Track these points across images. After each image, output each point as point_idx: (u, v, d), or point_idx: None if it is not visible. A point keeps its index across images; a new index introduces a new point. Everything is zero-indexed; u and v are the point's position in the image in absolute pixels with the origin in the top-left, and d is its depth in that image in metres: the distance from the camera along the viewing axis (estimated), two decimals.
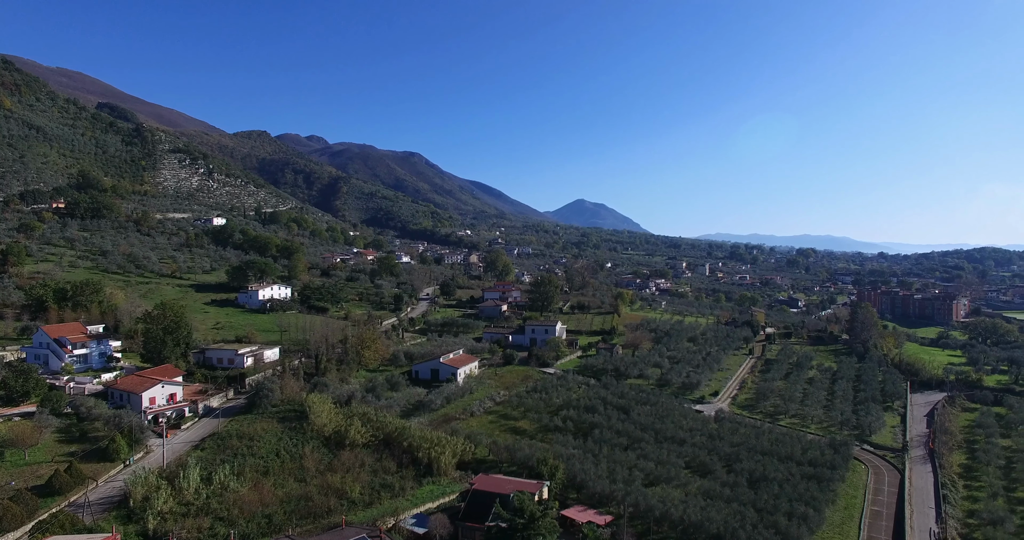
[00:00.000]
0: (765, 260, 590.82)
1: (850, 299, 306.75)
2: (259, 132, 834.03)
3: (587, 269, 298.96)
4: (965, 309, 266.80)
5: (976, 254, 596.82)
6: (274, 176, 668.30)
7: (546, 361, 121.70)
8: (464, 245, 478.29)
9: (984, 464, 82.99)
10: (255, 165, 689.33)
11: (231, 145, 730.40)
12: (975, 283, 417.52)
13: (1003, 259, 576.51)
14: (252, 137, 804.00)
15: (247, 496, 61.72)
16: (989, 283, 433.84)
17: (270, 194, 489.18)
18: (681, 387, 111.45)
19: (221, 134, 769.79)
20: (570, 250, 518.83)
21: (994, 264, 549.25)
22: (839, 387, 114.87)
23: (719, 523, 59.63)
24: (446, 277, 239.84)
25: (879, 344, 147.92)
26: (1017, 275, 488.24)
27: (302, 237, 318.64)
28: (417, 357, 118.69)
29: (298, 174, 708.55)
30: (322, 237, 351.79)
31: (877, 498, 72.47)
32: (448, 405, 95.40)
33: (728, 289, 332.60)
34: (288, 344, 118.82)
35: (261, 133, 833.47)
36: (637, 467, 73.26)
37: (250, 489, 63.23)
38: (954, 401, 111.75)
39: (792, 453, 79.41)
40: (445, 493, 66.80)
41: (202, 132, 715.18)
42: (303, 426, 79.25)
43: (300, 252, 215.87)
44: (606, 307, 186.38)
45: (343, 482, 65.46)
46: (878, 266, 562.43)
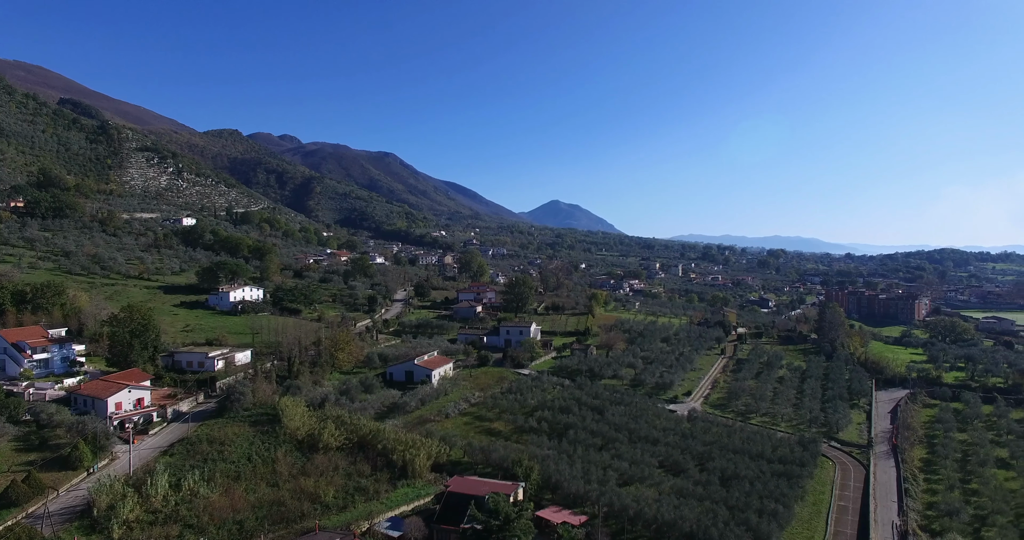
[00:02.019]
0: (737, 261, 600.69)
1: (818, 299, 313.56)
2: (230, 131, 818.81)
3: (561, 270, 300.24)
4: (926, 308, 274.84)
5: (936, 255, 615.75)
6: (246, 176, 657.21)
7: (521, 362, 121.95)
8: (439, 246, 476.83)
9: (943, 458, 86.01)
10: (226, 164, 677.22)
11: (201, 144, 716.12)
12: (935, 283, 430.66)
13: (961, 260, 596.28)
14: (223, 136, 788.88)
15: (218, 502, 60.64)
16: (948, 283, 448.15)
17: (242, 194, 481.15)
18: (655, 387, 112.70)
19: (191, 132, 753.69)
20: (545, 251, 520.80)
21: (953, 265, 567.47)
22: (808, 386, 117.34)
23: (692, 521, 60.48)
24: (420, 278, 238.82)
25: (846, 343, 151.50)
26: (973, 276, 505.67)
27: (274, 238, 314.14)
28: (391, 359, 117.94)
29: (270, 174, 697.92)
30: (295, 238, 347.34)
31: (844, 493, 74.34)
32: (423, 407, 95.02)
33: (701, 290, 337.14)
34: (260, 347, 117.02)
35: (232, 132, 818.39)
36: (611, 467, 73.90)
37: (221, 495, 62.15)
38: (916, 398, 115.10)
39: (763, 451, 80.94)
40: (420, 496, 66.51)
41: (171, 130, 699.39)
42: (276, 430, 78.19)
43: (272, 253, 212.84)
44: (580, 308, 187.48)
45: (316, 486, 64.75)
46: (845, 267, 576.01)
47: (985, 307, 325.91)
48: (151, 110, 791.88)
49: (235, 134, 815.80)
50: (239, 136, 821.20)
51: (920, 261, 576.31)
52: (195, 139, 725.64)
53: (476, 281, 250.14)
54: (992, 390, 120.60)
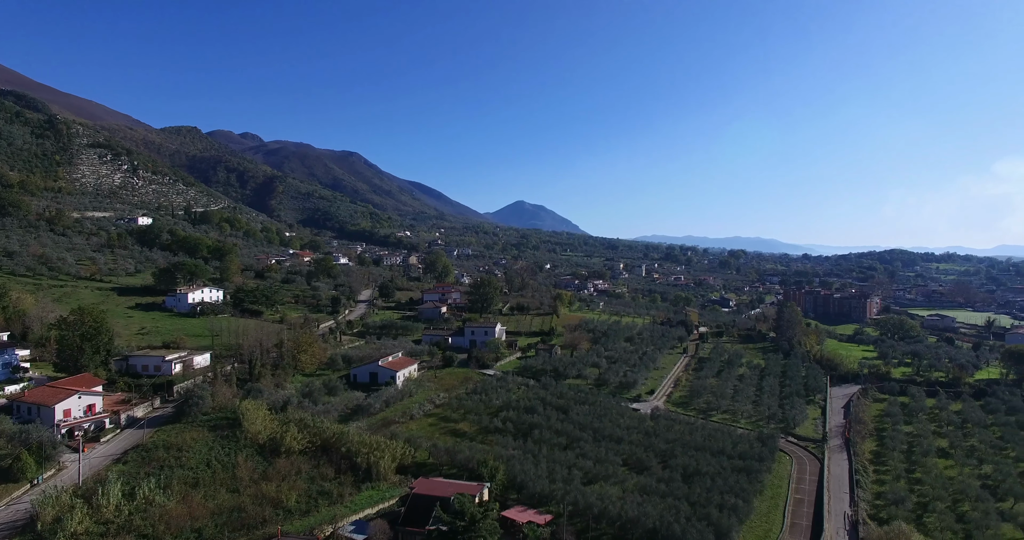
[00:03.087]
0: (699, 261, 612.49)
1: (777, 299, 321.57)
2: (189, 128, 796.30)
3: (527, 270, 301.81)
4: (877, 307, 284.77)
5: (887, 256, 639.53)
6: (205, 174, 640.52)
7: (486, 363, 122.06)
8: (403, 246, 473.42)
9: (890, 450, 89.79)
10: (184, 162, 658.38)
11: (158, 141, 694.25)
12: (886, 283, 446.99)
13: (909, 260, 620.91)
14: (181, 133, 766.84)
15: (175, 510, 58.94)
16: (897, 283, 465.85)
17: (201, 193, 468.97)
18: (618, 386, 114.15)
19: (147, 129, 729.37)
20: (510, 251, 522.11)
21: (901, 265, 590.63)
22: (767, 383, 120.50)
23: (655, 518, 61.54)
24: (385, 279, 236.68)
25: (803, 341, 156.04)
26: (920, 275, 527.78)
27: (235, 238, 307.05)
28: (355, 360, 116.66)
29: (231, 172, 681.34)
30: (256, 238, 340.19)
31: (800, 486, 76.66)
32: (387, 409, 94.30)
33: (664, 289, 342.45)
34: (220, 349, 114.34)
35: (191, 129, 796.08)
36: (576, 466, 74.61)
37: (178, 502, 60.44)
38: (867, 393, 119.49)
39: (723, 447, 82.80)
40: (385, 498, 66.01)
41: (126, 126, 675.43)
42: (236, 434, 76.53)
43: (233, 253, 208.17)
44: (545, 308, 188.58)
45: (279, 491, 63.64)
46: (803, 267, 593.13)
47: (930, 305, 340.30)
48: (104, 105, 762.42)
49: (194, 131, 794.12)
50: (198, 133, 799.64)
51: (872, 261, 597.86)
52: (151, 136, 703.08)
53: (441, 282, 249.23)
54: (935, 384, 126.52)
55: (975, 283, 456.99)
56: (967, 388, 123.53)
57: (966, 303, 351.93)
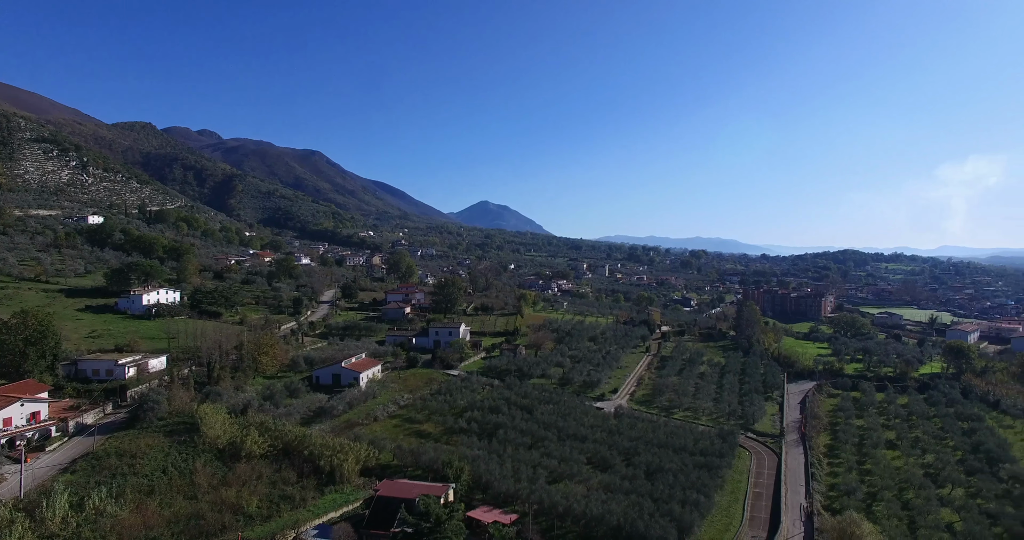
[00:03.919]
0: (661, 261, 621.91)
1: (736, 298, 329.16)
2: (143, 124, 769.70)
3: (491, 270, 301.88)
4: (831, 305, 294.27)
5: (840, 256, 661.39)
6: (161, 172, 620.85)
7: (450, 363, 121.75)
8: (366, 246, 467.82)
9: (843, 443, 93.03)
10: (138, 159, 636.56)
11: (110, 137, 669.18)
12: (839, 282, 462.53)
13: (861, 260, 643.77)
14: (135, 129, 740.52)
15: (128, 520, 56.83)
16: (850, 282, 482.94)
17: (156, 191, 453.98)
18: (582, 385, 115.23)
19: (97, 124, 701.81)
20: (474, 251, 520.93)
21: (853, 265, 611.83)
22: (727, 380, 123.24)
23: (619, 515, 62.41)
24: (348, 279, 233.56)
25: (761, 339, 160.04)
26: (870, 275, 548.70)
27: (193, 238, 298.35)
28: (318, 362, 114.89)
29: (188, 170, 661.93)
30: (215, 238, 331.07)
31: (759, 480, 78.73)
32: (351, 411, 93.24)
33: (627, 289, 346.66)
34: (177, 352, 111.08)
35: (145, 125, 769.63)
36: (541, 465, 75.07)
37: (131, 512, 58.34)
38: (821, 389, 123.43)
39: (685, 444, 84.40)
40: (349, 501, 65.24)
41: (74, 121, 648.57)
42: (194, 439, 74.53)
43: (191, 254, 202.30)
44: (509, 308, 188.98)
45: (239, 496, 62.25)
46: (761, 267, 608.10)
47: (879, 303, 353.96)
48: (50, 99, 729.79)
49: (148, 127, 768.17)
50: (153, 130, 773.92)
51: (826, 261, 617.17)
52: (102, 131, 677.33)
53: (405, 282, 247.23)
54: (884, 379, 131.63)
55: (920, 282, 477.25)
56: (912, 382, 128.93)
57: (912, 301, 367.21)
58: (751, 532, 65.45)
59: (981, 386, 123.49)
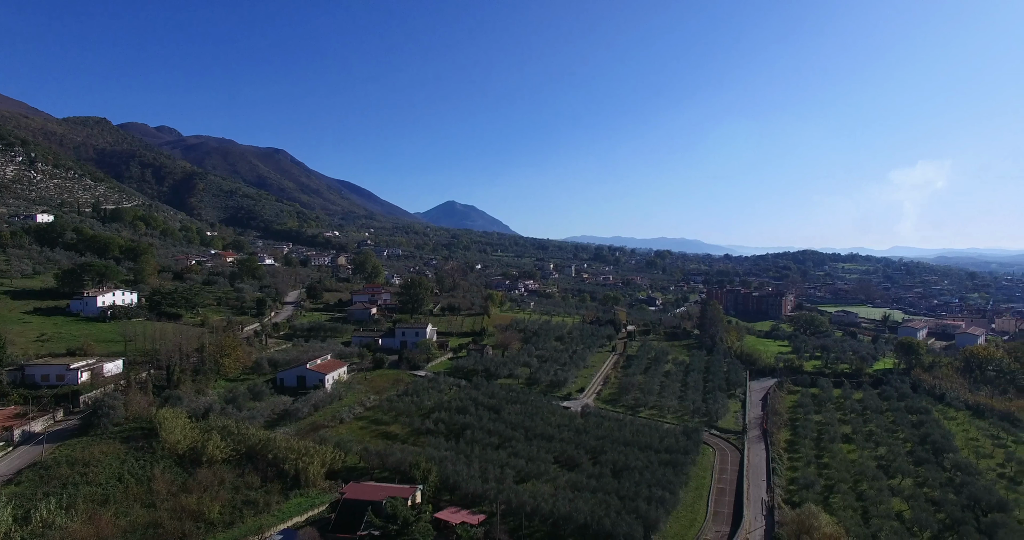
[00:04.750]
0: (627, 261, 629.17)
1: (700, 297, 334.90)
2: (97, 119, 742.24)
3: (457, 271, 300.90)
4: (791, 304, 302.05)
5: (800, 256, 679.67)
6: (117, 169, 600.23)
7: (417, 364, 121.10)
8: (332, 246, 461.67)
9: (802, 438, 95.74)
10: (92, 156, 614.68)
11: (61, 132, 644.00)
12: (799, 282, 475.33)
13: (819, 261, 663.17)
14: (88, 124, 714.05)
15: (79, 531, 54.16)
16: (809, 281, 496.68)
17: (112, 189, 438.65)
18: (549, 385, 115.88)
19: (47, 118, 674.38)
20: (441, 252, 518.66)
21: (812, 265, 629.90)
22: (691, 378, 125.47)
23: (586, 513, 62.97)
24: (313, 280, 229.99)
25: (725, 338, 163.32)
26: (828, 274, 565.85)
27: (151, 237, 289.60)
28: (282, 364, 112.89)
29: (146, 168, 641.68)
30: (175, 237, 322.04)
31: (722, 476, 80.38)
32: (316, 413, 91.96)
33: (593, 289, 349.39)
34: (134, 355, 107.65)
35: (100, 120, 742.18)
36: (508, 465, 75.25)
37: (83, 523, 55.66)
38: (782, 385, 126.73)
39: (651, 442, 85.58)
40: (314, 505, 64.34)
41: (20, 114, 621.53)
42: (153, 445, 72.37)
43: (149, 254, 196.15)
44: (476, 308, 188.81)
45: (200, 503, 60.67)
46: (724, 267, 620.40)
47: (836, 302, 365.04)
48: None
49: (103, 123, 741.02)
50: (108, 125, 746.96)
51: (787, 261, 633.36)
52: (52, 126, 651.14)
53: (371, 282, 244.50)
54: (841, 375, 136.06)
55: (874, 281, 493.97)
56: (867, 378, 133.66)
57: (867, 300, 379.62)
58: (715, 527, 66.83)
59: (929, 381, 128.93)
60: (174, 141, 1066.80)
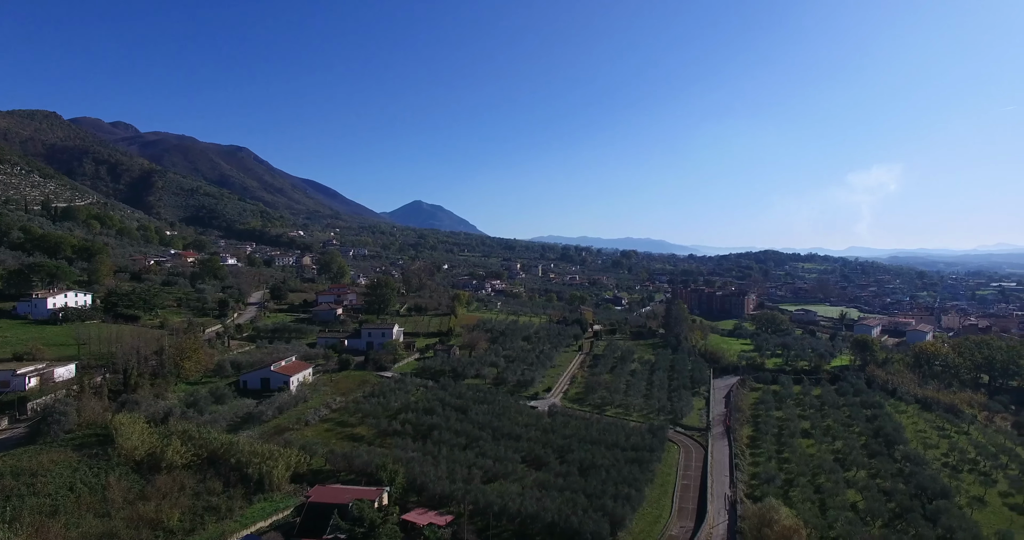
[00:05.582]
0: (593, 261, 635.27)
1: (666, 297, 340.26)
2: (46, 113, 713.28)
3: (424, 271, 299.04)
4: (753, 303, 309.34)
5: (762, 256, 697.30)
6: (68, 165, 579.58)
7: (383, 365, 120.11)
8: (297, 246, 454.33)
9: (764, 434, 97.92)
10: (41, 151, 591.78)
11: (5, 125, 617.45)
12: (761, 281, 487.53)
13: (780, 260, 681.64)
14: (36, 118, 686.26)
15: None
16: (770, 281, 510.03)
17: (63, 186, 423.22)
18: (516, 385, 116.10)
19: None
20: (407, 252, 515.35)
21: (774, 264, 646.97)
22: (656, 377, 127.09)
23: (553, 512, 63.35)
24: (277, 280, 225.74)
25: (689, 337, 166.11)
26: (789, 274, 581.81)
27: (107, 237, 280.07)
28: (245, 366, 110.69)
29: (101, 165, 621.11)
30: (132, 237, 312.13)
31: (687, 473, 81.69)
32: (281, 415, 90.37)
33: (560, 289, 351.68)
34: (88, 359, 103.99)
35: (49, 114, 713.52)
36: (476, 465, 75.17)
37: (29, 536, 52.70)
38: (744, 383, 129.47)
39: (617, 440, 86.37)
40: (279, 509, 63.21)
41: None
42: (108, 452, 69.83)
43: (104, 254, 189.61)
44: (443, 308, 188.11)
45: (158, 510, 58.93)
46: (689, 266, 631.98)
47: (797, 301, 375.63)
48: None
49: (52, 117, 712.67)
50: (58, 120, 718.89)
51: (749, 261, 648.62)
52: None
53: (336, 283, 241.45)
54: (800, 372, 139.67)
55: (832, 281, 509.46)
56: (825, 374, 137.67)
57: (825, 298, 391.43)
58: (680, 522, 68.01)
59: (882, 376, 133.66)
60: (131, 137, 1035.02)
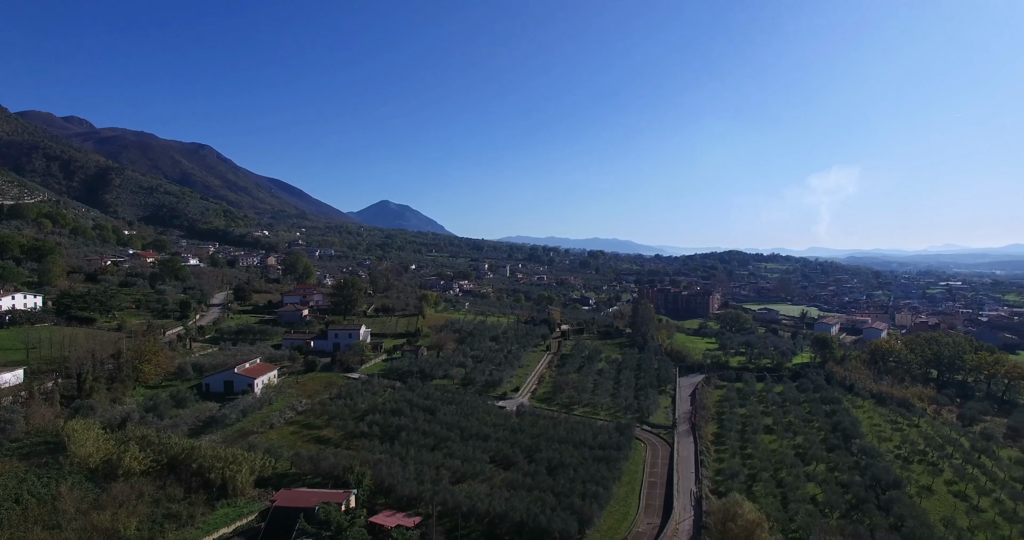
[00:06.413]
0: (561, 261, 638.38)
1: (632, 296, 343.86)
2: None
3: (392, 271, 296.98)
4: (718, 303, 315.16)
5: (726, 256, 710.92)
6: (16, 161, 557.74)
7: (350, 366, 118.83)
8: (261, 246, 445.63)
9: (728, 430, 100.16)
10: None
11: None
12: (725, 281, 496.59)
13: (744, 260, 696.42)
14: None
15: None
16: (734, 280, 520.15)
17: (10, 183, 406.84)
18: (485, 385, 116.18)
19: None
20: (375, 252, 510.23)
21: (737, 264, 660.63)
22: (623, 376, 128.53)
23: (522, 511, 63.55)
24: (241, 281, 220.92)
25: (656, 336, 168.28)
26: (752, 273, 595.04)
27: (60, 236, 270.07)
28: (208, 369, 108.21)
29: (52, 161, 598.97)
30: (88, 236, 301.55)
31: (653, 470, 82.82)
32: (245, 419, 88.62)
33: (527, 289, 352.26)
34: (39, 363, 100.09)
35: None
36: (444, 466, 74.97)
37: None
38: (709, 381, 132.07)
39: (585, 439, 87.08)
40: (243, 514, 61.88)
41: None
42: (59, 461, 67.10)
43: (56, 253, 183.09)
44: (411, 309, 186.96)
45: (114, 520, 56.94)
46: (655, 266, 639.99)
47: (760, 300, 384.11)
48: None
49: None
50: (3, 113, 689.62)
51: (713, 261, 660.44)
52: None
53: (302, 283, 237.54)
54: (763, 370, 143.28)
55: (793, 280, 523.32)
56: (787, 372, 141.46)
57: (787, 297, 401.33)
58: (647, 519, 68.95)
59: (840, 373, 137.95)
60: (85, 133, 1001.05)
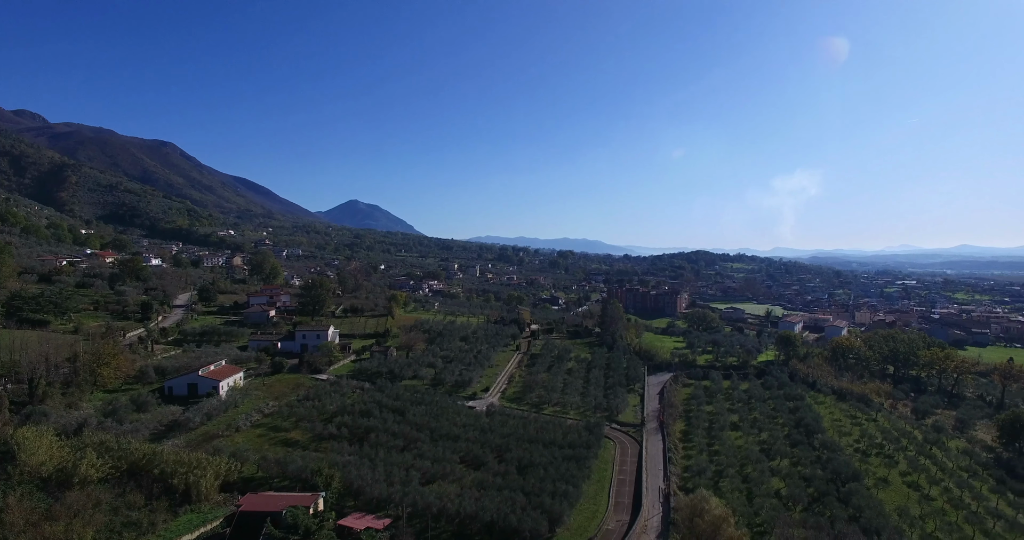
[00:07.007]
0: (530, 261, 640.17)
1: (602, 296, 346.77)
2: None
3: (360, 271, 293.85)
4: (686, 302, 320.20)
5: (693, 256, 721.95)
6: None
7: (318, 367, 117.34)
8: (227, 246, 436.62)
9: (696, 428, 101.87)
10: None
11: None
12: (692, 280, 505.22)
13: (710, 260, 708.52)
14: None
15: None
16: (701, 280, 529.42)
17: None
18: (454, 385, 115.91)
19: None
20: (343, 252, 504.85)
21: (704, 264, 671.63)
22: (593, 375, 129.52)
23: (492, 511, 63.62)
24: (206, 281, 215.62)
25: (624, 335, 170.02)
26: (719, 273, 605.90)
27: (10, 235, 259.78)
28: (171, 371, 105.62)
29: (2, 157, 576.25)
30: (41, 236, 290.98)
31: (622, 468, 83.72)
32: (209, 422, 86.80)
33: (497, 289, 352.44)
34: None
35: None
36: (414, 467, 74.59)
37: None
38: (677, 379, 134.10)
39: (555, 438, 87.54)
40: (207, 520, 60.58)
41: None
42: (8, 470, 64.25)
43: (6, 253, 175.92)
44: (380, 309, 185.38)
45: (68, 530, 54.67)
46: (624, 266, 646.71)
47: (726, 299, 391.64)
48: None
49: None
50: None
51: (681, 261, 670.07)
52: None
53: (269, 284, 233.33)
54: (730, 368, 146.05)
55: (758, 280, 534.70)
56: (752, 369, 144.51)
57: (752, 297, 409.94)
58: (616, 516, 69.71)
59: (803, 370, 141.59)
60: (38, 127, 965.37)
